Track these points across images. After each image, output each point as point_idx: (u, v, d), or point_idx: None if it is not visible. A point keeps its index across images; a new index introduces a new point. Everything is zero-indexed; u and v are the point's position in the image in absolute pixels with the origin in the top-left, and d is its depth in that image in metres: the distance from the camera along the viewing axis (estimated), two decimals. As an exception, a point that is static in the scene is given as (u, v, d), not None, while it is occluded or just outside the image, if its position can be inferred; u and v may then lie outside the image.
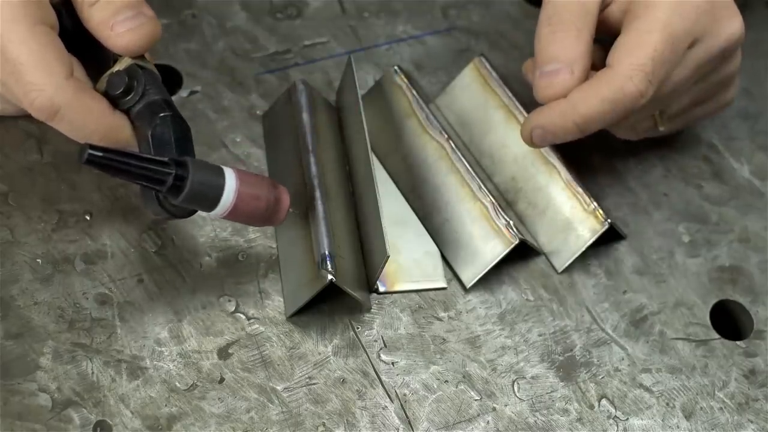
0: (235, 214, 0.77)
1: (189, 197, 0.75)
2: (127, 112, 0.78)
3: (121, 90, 0.77)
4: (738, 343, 0.84)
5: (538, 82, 0.80)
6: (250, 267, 0.83)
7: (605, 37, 0.83)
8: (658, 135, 0.87)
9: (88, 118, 0.76)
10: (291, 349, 0.80)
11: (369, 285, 0.83)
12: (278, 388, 0.79)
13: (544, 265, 0.86)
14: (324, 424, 0.78)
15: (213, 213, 0.77)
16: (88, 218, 0.84)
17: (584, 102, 0.79)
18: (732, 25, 0.82)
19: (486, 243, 0.84)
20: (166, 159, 0.75)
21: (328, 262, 0.79)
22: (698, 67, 0.82)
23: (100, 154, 0.72)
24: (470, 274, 0.84)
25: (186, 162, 0.75)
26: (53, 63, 0.75)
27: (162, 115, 0.77)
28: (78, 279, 0.81)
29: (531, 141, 0.82)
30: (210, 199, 0.76)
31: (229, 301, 0.82)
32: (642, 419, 0.80)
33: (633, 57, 0.78)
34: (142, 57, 0.79)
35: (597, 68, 0.82)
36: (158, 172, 0.74)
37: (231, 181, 0.76)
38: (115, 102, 0.78)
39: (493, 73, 0.89)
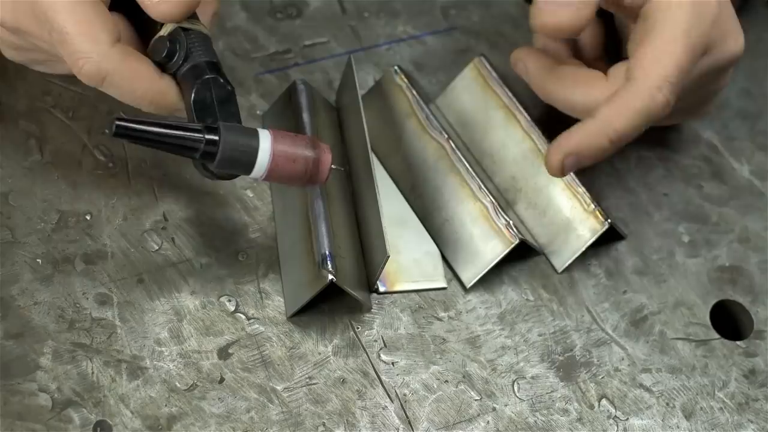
0: (273, 177, 0.76)
1: (222, 162, 0.75)
2: (174, 75, 0.78)
3: (163, 55, 0.77)
4: (738, 343, 0.84)
5: (543, 5, 0.79)
6: (250, 267, 0.83)
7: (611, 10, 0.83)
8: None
9: (136, 84, 0.77)
10: (291, 349, 0.81)
11: (369, 285, 0.83)
12: (278, 388, 0.79)
13: (544, 265, 0.86)
14: (324, 424, 0.78)
15: (251, 176, 0.76)
16: (88, 218, 0.84)
17: (618, 117, 0.78)
18: (737, 42, 0.82)
19: (486, 243, 0.84)
20: (197, 125, 0.75)
21: (329, 262, 0.79)
22: (700, 77, 0.81)
23: (128, 125, 0.73)
24: (470, 274, 0.84)
25: (218, 127, 0.75)
26: (98, 31, 0.76)
27: (203, 78, 0.77)
28: (78, 279, 0.81)
29: (561, 171, 0.80)
30: (245, 163, 0.75)
31: (229, 301, 0.82)
32: (642, 419, 0.80)
33: (660, 67, 0.78)
34: (192, 18, 0.79)
35: (591, 65, 0.82)
36: (189, 140, 0.74)
37: (265, 143, 0.76)
38: (161, 66, 0.78)
39: (493, 73, 0.89)
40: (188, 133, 0.74)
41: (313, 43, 0.94)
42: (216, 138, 0.74)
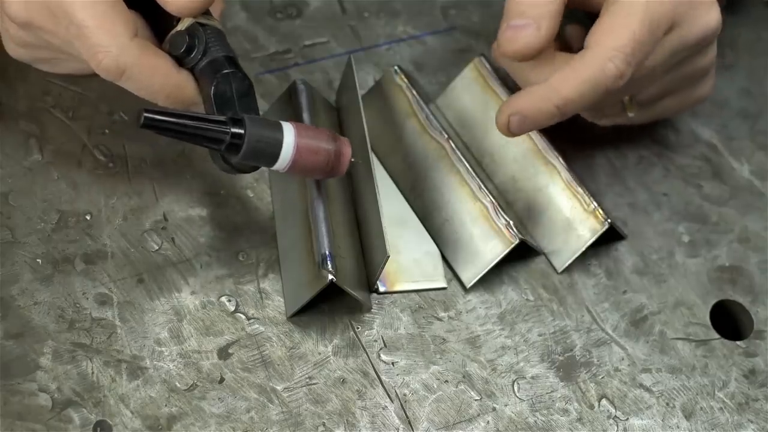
0: (295, 169, 0.77)
1: (247, 154, 0.76)
2: (191, 70, 0.78)
3: (182, 50, 0.78)
4: (738, 343, 0.84)
5: (503, 34, 0.80)
6: (250, 267, 0.83)
7: (579, 9, 0.83)
8: (627, 122, 0.87)
9: (154, 78, 0.77)
10: (291, 349, 0.81)
11: (369, 285, 0.83)
12: (278, 388, 0.79)
13: (544, 265, 0.86)
14: (324, 424, 0.78)
15: (274, 168, 0.77)
16: (88, 218, 0.84)
17: (565, 84, 0.79)
18: (709, 15, 0.82)
19: (486, 243, 0.84)
20: (222, 118, 0.75)
21: (329, 262, 0.79)
22: (672, 54, 0.82)
23: (156, 117, 0.73)
24: (470, 274, 0.84)
25: (243, 119, 0.75)
26: (117, 25, 0.76)
27: (223, 72, 0.77)
28: (78, 279, 0.81)
29: (507, 129, 0.81)
30: (269, 156, 0.76)
31: (229, 301, 0.82)
32: (642, 419, 0.80)
33: (613, 39, 0.79)
34: (206, 14, 0.79)
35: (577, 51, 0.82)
36: (215, 132, 0.75)
37: (289, 136, 0.77)
38: (179, 61, 0.78)
39: (493, 73, 0.89)
40: (215, 126, 0.75)
41: (313, 43, 0.94)
42: (242, 131, 0.75)
